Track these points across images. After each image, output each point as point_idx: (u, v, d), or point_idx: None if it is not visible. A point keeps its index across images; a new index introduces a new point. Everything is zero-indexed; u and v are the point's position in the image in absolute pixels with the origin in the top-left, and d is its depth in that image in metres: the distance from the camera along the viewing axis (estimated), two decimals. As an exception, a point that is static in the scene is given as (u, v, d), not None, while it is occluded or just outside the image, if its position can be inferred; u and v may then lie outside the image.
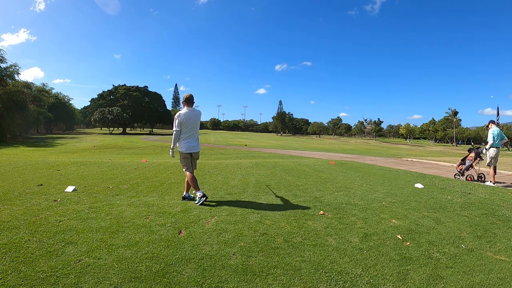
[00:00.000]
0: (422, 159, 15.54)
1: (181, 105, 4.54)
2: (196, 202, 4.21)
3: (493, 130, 7.67)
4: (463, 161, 8.48)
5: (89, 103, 72.77)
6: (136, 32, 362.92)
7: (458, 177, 8.27)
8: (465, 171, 8.20)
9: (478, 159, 8.18)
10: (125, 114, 61.33)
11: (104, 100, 69.34)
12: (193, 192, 4.46)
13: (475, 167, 8.26)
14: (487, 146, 7.65)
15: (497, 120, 9.72)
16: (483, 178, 8.02)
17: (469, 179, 8.02)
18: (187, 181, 4.37)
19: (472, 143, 65.13)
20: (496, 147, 7.63)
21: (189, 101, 4.40)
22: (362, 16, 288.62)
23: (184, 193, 4.54)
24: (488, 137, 7.72)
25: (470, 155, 8.35)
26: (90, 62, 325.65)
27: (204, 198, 4.17)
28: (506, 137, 8.07)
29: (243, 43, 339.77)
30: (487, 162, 7.63)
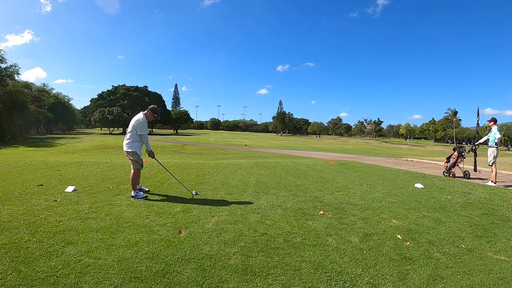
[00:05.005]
0: (422, 159, 15.54)
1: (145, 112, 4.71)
2: (136, 197, 4.46)
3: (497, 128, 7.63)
4: (448, 159, 8.93)
5: (89, 103, 72.72)
6: (140, 33, 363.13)
7: (446, 174, 8.69)
8: (452, 168, 8.66)
9: (461, 157, 8.58)
10: (125, 114, 61.25)
11: (104, 100, 69.32)
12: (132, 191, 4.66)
13: (459, 165, 8.70)
14: (496, 139, 7.55)
15: (477, 121, 9.79)
16: (468, 175, 8.40)
17: (451, 175, 8.44)
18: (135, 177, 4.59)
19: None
20: (495, 147, 7.60)
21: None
22: (363, 18, 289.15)
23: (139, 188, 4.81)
24: (495, 133, 7.57)
25: (454, 154, 8.76)
26: (94, 62, 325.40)
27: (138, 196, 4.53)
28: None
29: (246, 44, 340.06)
30: (492, 161, 7.49)
